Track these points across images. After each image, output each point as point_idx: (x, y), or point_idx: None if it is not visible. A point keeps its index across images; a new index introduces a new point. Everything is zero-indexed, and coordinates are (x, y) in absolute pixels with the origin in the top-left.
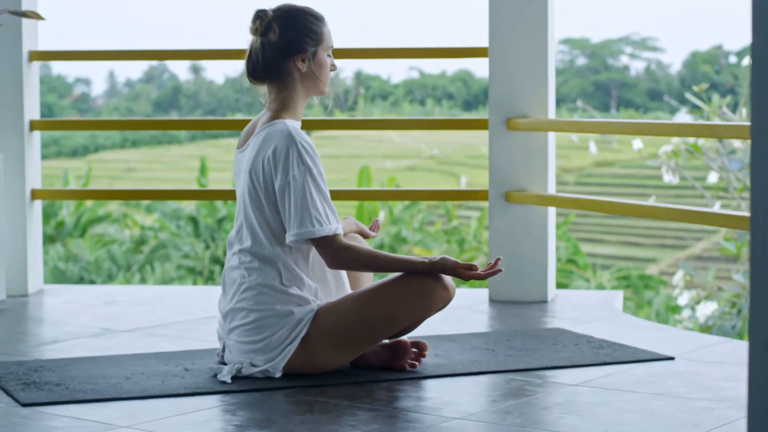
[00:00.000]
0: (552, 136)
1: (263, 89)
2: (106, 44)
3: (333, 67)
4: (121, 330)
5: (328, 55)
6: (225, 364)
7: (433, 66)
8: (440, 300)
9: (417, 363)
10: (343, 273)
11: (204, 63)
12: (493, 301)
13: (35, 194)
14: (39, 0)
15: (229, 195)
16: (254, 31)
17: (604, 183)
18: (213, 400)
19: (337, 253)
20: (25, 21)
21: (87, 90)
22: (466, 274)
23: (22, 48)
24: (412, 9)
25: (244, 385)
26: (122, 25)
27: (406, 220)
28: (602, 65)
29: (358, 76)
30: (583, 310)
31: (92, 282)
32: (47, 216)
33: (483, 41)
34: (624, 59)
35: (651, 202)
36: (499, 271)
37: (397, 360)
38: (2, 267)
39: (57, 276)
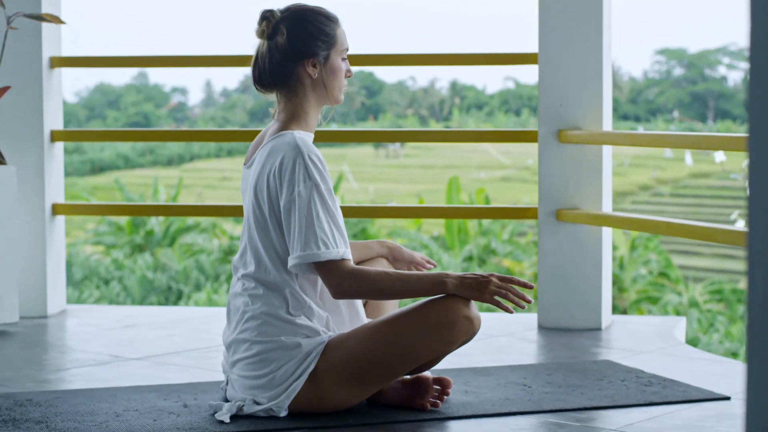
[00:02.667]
0: (608, 150)
1: (272, 98)
2: (127, 51)
3: (348, 73)
4: (131, 358)
5: (343, 60)
6: (228, 400)
7: (528, 76)
8: (463, 333)
9: (440, 402)
10: (358, 301)
11: None
12: (542, 328)
13: (56, 209)
14: (62, 4)
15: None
16: (260, 33)
17: (699, 195)
18: None
19: (343, 281)
20: (45, 26)
21: (184, 99)
22: (502, 299)
23: (42, 54)
24: (455, 14)
25: (244, 426)
26: (145, 32)
27: (496, 232)
28: (699, 76)
29: (454, 87)
30: (640, 339)
31: (180, 292)
32: (136, 225)
33: (532, 47)
34: (721, 70)
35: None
36: (527, 301)
37: (417, 398)
38: (14, 287)
39: (145, 285)
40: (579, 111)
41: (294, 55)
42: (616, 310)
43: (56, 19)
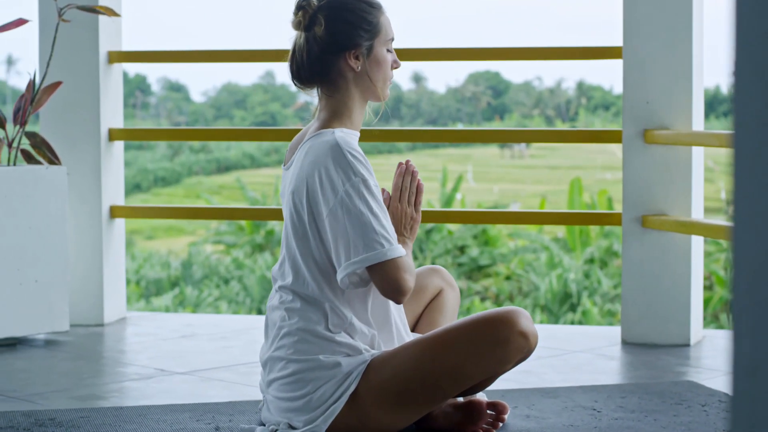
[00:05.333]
0: (698, 152)
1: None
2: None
3: (395, 64)
4: (177, 372)
5: (389, 51)
6: (263, 424)
7: None
8: (517, 351)
9: (493, 428)
10: (403, 316)
11: (426, 72)
12: (625, 343)
13: (115, 212)
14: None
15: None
16: (297, 24)
17: None
18: None
19: (410, 277)
20: (104, 19)
21: (310, 99)
22: None
23: (99, 48)
24: (536, 8)
25: None
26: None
27: (618, 234)
28: None
29: (580, 87)
30: None
31: None
32: (257, 225)
33: (617, 40)
34: None
35: None
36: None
37: (469, 424)
38: (65, 294)
39: (265, 285)
40: (667, 109)
41: (334, 46)
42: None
43: (110, 12)
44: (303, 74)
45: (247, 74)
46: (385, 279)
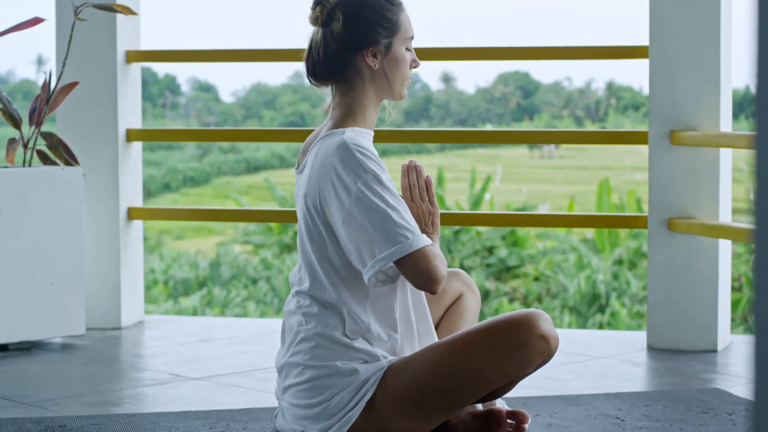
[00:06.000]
0: (726, 153)
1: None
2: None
3: (414, 64)
4: (192, 377)
5: (407, 49)
6: (278, 431)
7: None
8: (538, 354)
9: None
10: (428, 321)
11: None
12: (651, 349)
13: (132, 213)
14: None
15: None
16: (314, 20)
17: None
18: None
19: (441, 264)
20: (121, 18)
21: None
22: None
23: (117, 47)
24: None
25: None
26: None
27: (647, 235)
28: None
29: (610, 87)
30: None
31: None
32: (285, 225)
33: (639, 39)
34: None
35: None
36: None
37: None
38: (80, 297)
39: None
40: (694, 110)
41: (351, 43)
42: None
43: (128, 10)
44: (319, 71)
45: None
46: (416, 270)
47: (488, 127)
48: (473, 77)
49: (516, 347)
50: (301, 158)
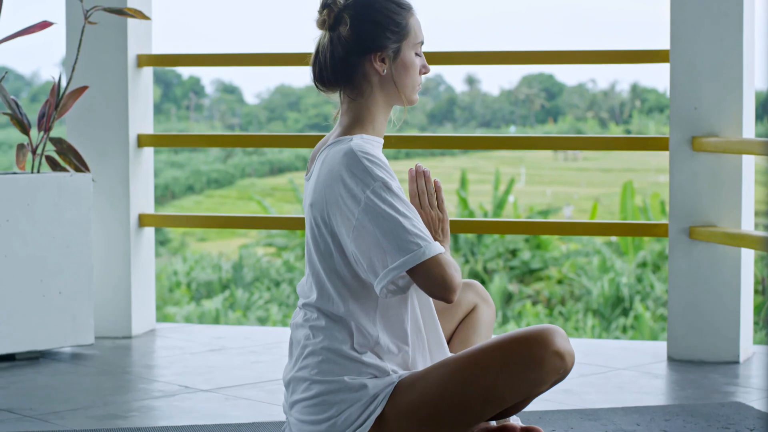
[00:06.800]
0: (749, 160)
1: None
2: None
3: (424, 69)
4: (201, 389)
5: (417, 54)
6: None
7: None
8: (553, 371)
9: None
10: (440, 334)
11: (480, 75)
12: (672, 360)
13: (143, 220)
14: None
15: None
16: (321, 23)
17: None
18: None
19: (455, 273)
20: (133, 21)
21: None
22: None
23: (128, 51)
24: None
25: None
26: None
27: None
28: None
29: (634, 89)
30: None
31: None
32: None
33: (664, 43)
34: None
35: None
36: None
37: None
38: (89, 306)
39: None
40: (716, 115)
41: (358, 48)
42: None
43: (139, 14)
44: (326, 76)
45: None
46: (430, 278)
47: (512, 129)
48: (497, 79)
49: (530, 364)
50: (309, 165)
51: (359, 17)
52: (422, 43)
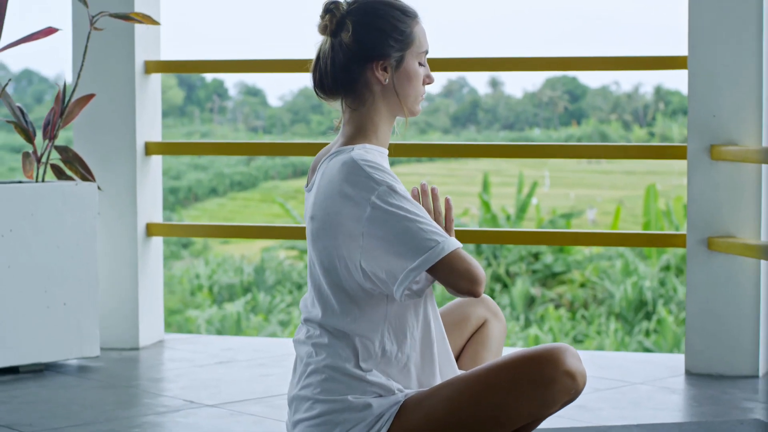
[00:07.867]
0: None
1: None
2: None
3: (428, 79)
4: (206, 404)
5: (421, 64)
6: None
7: None
8: (563, 392)
9: None
10: (448, 350)
11: (504, 77)
12: (689, 373)
13: (151, 229)
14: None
15: None
16: (323, 29)
17: None
18: None
19: (478, 266)
20: (140, 27)
21: None
22: None
23: (135, 57)
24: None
25: None
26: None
27: None
28: None
29: (658, 91)
30: None
31: None
32: None
33: (681, 49)
34: None
35: None
36: None
37: None
38: (95, 317)
39: None
40: (735, 123)
41: (360, 55)
42: None
43: (147, 19)
44: (326, 83)
45: None
46: (455, 273)
47: (536, 131)
48: (521, 82)
49: (540, 384)
50: (310, 176)
51: (362, 24)
52: (427, 52)
